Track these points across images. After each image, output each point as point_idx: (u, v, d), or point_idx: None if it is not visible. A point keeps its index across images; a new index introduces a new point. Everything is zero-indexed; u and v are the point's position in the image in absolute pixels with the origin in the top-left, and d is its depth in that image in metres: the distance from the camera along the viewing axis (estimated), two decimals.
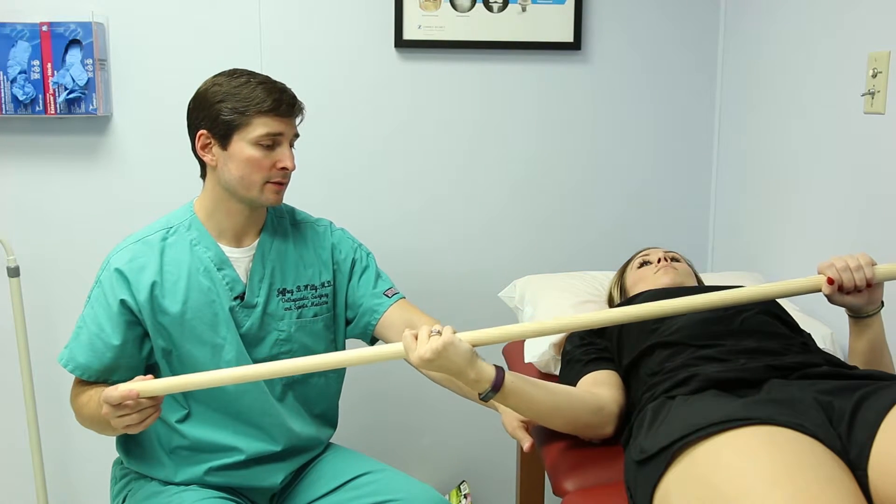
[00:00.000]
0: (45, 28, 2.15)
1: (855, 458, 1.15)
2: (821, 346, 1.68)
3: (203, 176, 1.65)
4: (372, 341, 1.79)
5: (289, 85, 1.62)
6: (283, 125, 1.58)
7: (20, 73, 2.15)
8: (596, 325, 1.43)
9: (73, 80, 2.15)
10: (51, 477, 2.39)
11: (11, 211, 2.30)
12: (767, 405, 1.20)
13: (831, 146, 1.87)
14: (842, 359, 1.56)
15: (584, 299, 1.96)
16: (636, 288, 1.78)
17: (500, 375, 1.35)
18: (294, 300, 1.68)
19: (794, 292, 1.43)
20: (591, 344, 1.64)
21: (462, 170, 2.43)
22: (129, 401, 1.39)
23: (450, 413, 2.51)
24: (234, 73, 1.59)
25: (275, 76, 1.62)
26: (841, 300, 1.42)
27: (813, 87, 1.95)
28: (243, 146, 1.56)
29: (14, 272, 2.22)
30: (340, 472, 1.71)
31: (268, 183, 1.59)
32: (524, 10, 2.33)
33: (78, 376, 1.60)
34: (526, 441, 1.51)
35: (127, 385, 1.40)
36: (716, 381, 1.33)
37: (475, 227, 2.47)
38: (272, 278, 1.66)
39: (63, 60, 2.16)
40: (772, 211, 2.16)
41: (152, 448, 1.65)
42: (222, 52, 2.27)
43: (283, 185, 1.61)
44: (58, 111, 2.18)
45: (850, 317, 1.46)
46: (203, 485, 1.64)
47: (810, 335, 1.56)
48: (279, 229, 1.70)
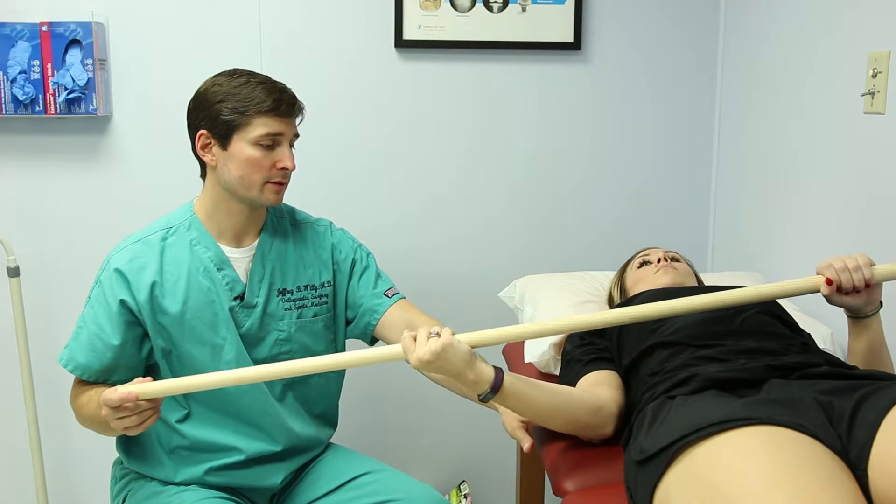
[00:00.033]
0: (45, 28, 2.15)
1: (855, 458, 1.15)
2: (821, 346, 1.68)
3: (203, 176, 1.65)
4: (372, 341, 1.79)
5: (289, 85, 1.62)
6: (283, 125, 1.58)
7: (20, 73, 2.15)
8: (595, 326, 1.43)
9: (73, 80, 2.15)
10: (51, 477, 2.39)
11: (11, 211, 2.30)
12: (767, 405, 1.20)
13: (831, 146, 1.87)
14: (842, 359, 1.56)
15: (584, 299, 1.96)
16: (636, 288, 1.78)
17: (498, 377, 1.35)
18: (294, 300, 1.68)
19: (793, 293, 1.43)
20: (590, 344, 1.64)
21: (462, 170, 2.43)
22: (128, 403, 1.39)
23: (450, 413, 2.51)
24: (234, 73, 1.59)
25: (275, 76, 1.62)
26: (840, 301, 1.42)
27: (813, 87, 1.95)
28: (243, 146, 1.56)
29: (14, 272, 2.22)
30: (340, 472, 1.71)
31: (268, 183, 1.59)
32: (524, 10, 2.33)
33: (78, 376, 1.60)
34: (526, 441, 1.51)
35: (126, 387, 1.40)
36: (716, 381, 1.33)
37: (475, 227, 2.46)
38: (272, 278, 1.66)
39: (63, 60, 2.16)
40: (772, 211, 2.16)
41: (152, 448, 1.65)
42: (222, 52, 2.27)
43: (283, 185, 1.61)
44: (58, 111, 2.18)
45: (848, 317, 1.46)
46: (203, 485, 1.64)
47: (810, 335, 1.56)
48: (279, 229, 1.70)
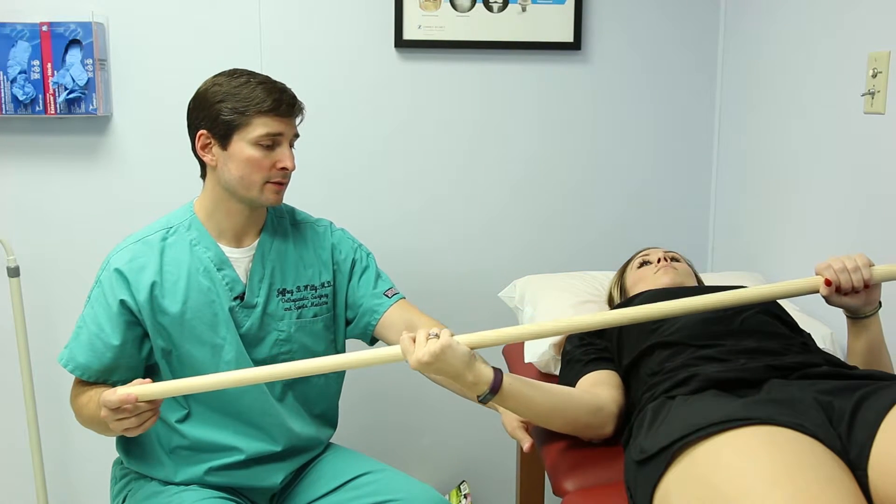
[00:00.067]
0: (45, 28, 2.15)
1: (855, 458, 1.15)
2: (821, 345, 1.68)
3: (203, 176, 1.65)
4: (372, 341, 1.79)
5: (289, 85, 1.62)
6: (282, 125, 1.58)
7: (20, 73, 2.15)
8: (594, 327, 1.43)
9: (73, 80, 2.15)
10: (51, 477, 2.39)
11: (11, 211, 2.30)
12: (767, 405, 1.20)
13: (831, 146, 1.87)
14: (842, 359, 1.56)
15: (584, 299, 1.96)
16: (636, 288, 1.78)
17: (497, 378, 1.35)
18: (294, 300, 1.68)
19: (792, 294, 1.43)
20: (590, 344, 1.64)
21: (462, 170, 2.43)
22: (127, 405, 1.39)
23: (450, 413, 2.51)
24: (234, 73, 1.59)
25: (275, 76, 1.62)
26: (839, 301, 1.42)
27: (813, 87, 1.95)
28: (243, 146, 1.56)
29: (14, 272, 2.22)
30: (340, 472, 1.71)
31: (268, 183, 1.59)
32: (524, 10, 2.33)
33: (78, 376, 1.60)
34: (526, 441, 1.51)
35: (125, 389, 1.40)
36: (716, 381, 1.33)
37: (475, 227, 2.46)
38: (272, 278, 1.66)
39: (63, 60, 2.16)
40: (772, 211, 2.16)
41: (152, 448, 1.65)
42: (222, 52, 2.27)
43: (282, 185, 1.61)
44: (58, 111, 2.18)
45: (847, 317, 1.46)
46: (203, 485, 1.64)
47: (810, 335, 1.56)
48: (279, 229, 1.70)
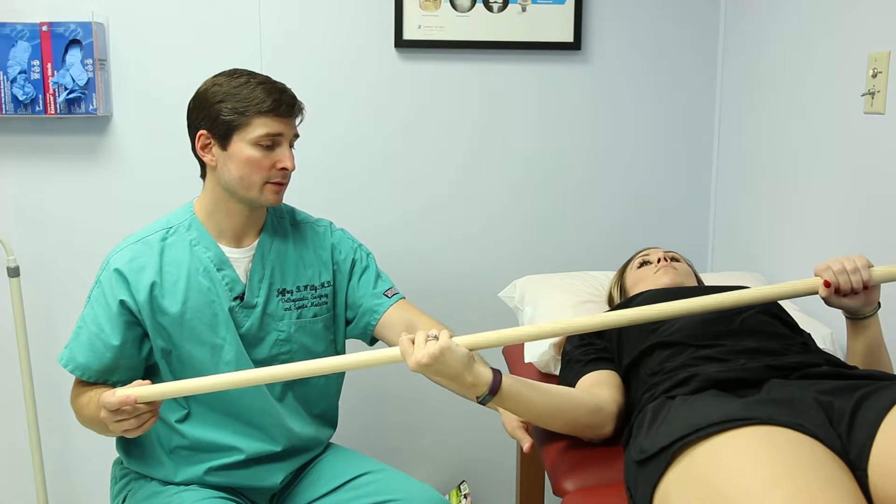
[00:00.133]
0: (45, 28, 2.15)
1: (855, 458, 1.15)
2: (821, 345, 1.68)
3: (203, 176, 1.65)
4: (372, 342, 1.79)
5: (289, 85, 1.62)
6: (282, 125, 1.58)
7: (20, 73, 2.15)
8: (594, 328, 1.42)
9: (73, 80, 2.15)
10: (51, 477, 2.39)
11: (11, 211, 2.30)
12: (767, 405, 1.20)
13: (831, 146, 1.87)
14: (842, 359, 1.56)
15: (584, 299, 1.96)
16: (636, 288, 1.78)
17: (497, 380, 1.35)
18: (294, 300, 1.68)
19: (791, 295, 1.43)
20: (590, 344, 1.64)
21: (462, 170, 2.43)
22: (127, 406, 1.39)
23: (450, 413, 2.51)
24: (234, 74, 1.59)
25: (275, 76, 1.62)
26: (838, 302, 1.42)
27: (813, 87, 1.95)
28: (243, 146, 1.56)
29: (14, 272, 2.22)
30: (340, 472, 1.71)
31: (267, 183, 1.59)
32: (524, 10, 2.33)
33: (78, 376, 1.60)
34: (526, 441, 1.51)
35: (124, 390, 1.40)
36: (716, 381, 1.33)
37: (475, 227, 2.46)
38: (272, 278, 1.66)
39: (63, 60, 2.16)
40: (772, 211, 2.16)
41: (152, 448, 1.65)
42: (222, 52, 2.27)
43: (282, 185, 1.61)
44: (58, 111, 2.18)
45: (847, 318, 1.46)
46: (203, 485, 1.64)
47: (810, 335, 1.56)
48: (279, 229, 1.70)
